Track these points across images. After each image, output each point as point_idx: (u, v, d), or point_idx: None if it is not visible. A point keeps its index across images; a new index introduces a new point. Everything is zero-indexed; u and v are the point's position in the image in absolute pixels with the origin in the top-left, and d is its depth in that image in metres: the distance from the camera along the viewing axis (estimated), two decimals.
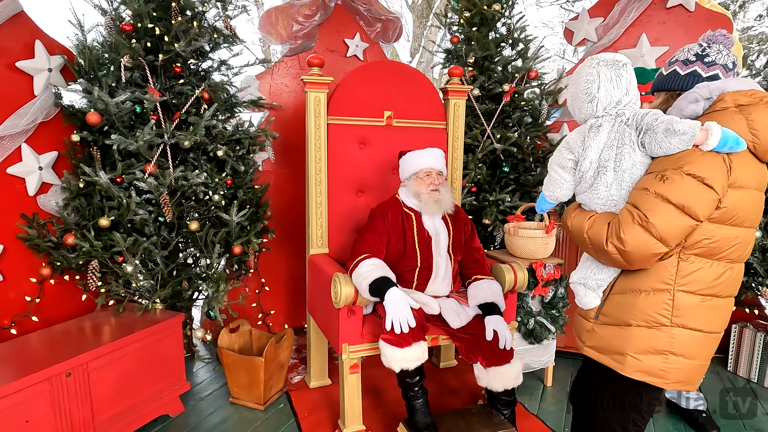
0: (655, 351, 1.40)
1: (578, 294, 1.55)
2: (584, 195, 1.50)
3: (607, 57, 1.45)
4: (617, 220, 1.36)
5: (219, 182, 2.75)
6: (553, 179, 1.57)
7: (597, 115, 1.47)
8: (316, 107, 2.61)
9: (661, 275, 1.39)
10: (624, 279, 1.46)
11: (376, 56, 3.60)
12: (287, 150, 3.39)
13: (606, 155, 1.43)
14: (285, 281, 3.56)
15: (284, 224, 3.45)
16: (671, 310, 1.38)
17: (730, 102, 1.37)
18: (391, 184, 2.79)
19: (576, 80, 1.50)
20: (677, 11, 3.31)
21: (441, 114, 2.90)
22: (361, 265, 2.14)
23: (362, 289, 2.10)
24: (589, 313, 1.54)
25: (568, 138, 1.54)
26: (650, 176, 1.35)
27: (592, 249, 1.44)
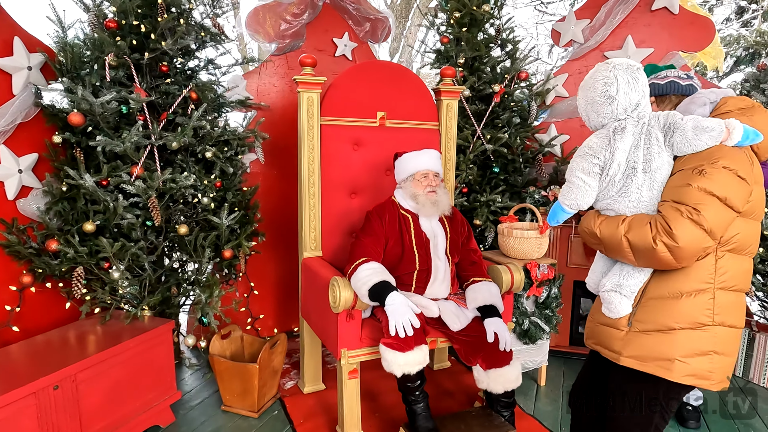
0: (701, 352, 1.40)
1: (612, 303, 1.50)
2: (611, 200, 1.48)
3: (622, 61, 1.47)
4: (660, 218, 1.35)
5: (208, 185, 2.67)
6: (576, 187, 1.52)
7: (619, 118, 1.46)
8: (309, 108, 2.56)
9: (701, 275, 1.40)
10: (659, 283, 1.45)
11: (364, 56, 3.56)
12: (275, 151, 3.33)
13: (634, 157, 1.43)
14: (274, 284, 3.50)
15: (273, 226, 3.38)
16: (713, 309, 1.40)
17: (732, 106, 1.47)
18: (384, 185, 2.76)
19: (591, 84, 1.49)
20: (662, 14, 3.37)
21: (434, 115, 2.88)
22: (359, 270, 2.10)
23: (362, 293, 2.06)
24: (621, 321, 1.50)
25: (590, 144, 1.51)
26: (686, 173, 1.36)
27: (631, 251, 1.40)
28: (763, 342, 2.95)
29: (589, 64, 3.56)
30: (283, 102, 3.37)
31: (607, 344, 1.54)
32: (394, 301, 2.00)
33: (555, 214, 1.63)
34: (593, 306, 1.69)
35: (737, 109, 1.46)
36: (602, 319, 1.57)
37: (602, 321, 1.57)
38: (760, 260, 2.84)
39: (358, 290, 2.07)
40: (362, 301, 2.10)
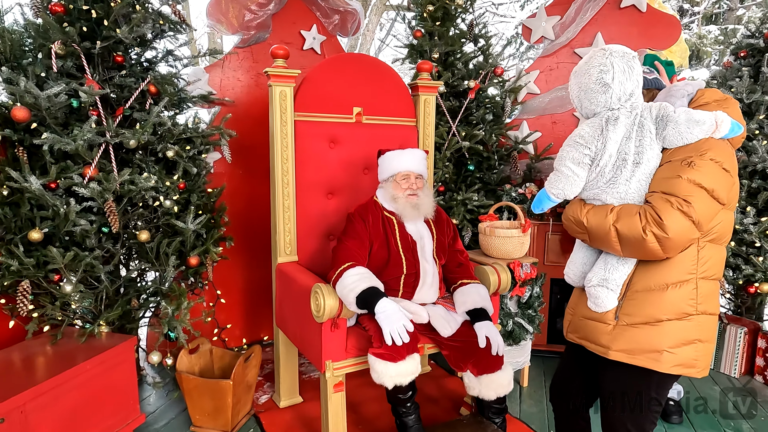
0: (687, 342, 1.41)
1: (598, 297, 1.47)
2: (599, 190, 1.46)
3: (618, 48, 1.44)
4: (650, 208, 1.33)
5: (171, 186, 2.45)
6: (565, 176, 1.49)
7: (612, 107, 1.43)
8: (282, 102, 2.39)
9: (686, 266, 1.40)
10: (644, 275, 1.43)
11: (333, 50, 3.40)
12: (241, 149, 3.12)
13: (625, 148, 1.41)
14: (241, 292, 3.29)
15: (239, 230, 3.18)
16: (696, 298, 1.41)
17: (709, 98, 1.49)
18: (362, 185, 2.62)
19: (586, 71, 1.45)
20: (630, 11, 3.40)
21: (411, 111, 2.77)
22: (345, 276, 1.96)
23: (348, 301, 1.92)
24: (607, 315, 1.48)
25: (581, 133, 1.47)
26: (674, 164, 1.35)
27: (618, 241, 1.38)
28: (734, 334, 3.02)
29: (560, 61, 3.55)
30: (249, 97, 3.17)
31: (594, 338, 1.52)
32: (385, 308, 1.88)
33: (540, 202, 1.59)
34: (573, 299, 1.67)
35: (714, 101, 1.48)
36: (587, 313, 1.54)
37: (587, 315, 1.54)
38: (731, 254, 2.90)
39: (345, 297, 1.93)
40: (349, 309, 1.96)
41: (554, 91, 3.56)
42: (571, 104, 3.50)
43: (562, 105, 3.55)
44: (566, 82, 3.55)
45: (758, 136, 2.82)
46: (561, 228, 3.14)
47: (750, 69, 2.96)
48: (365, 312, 1.97)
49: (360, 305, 1.91)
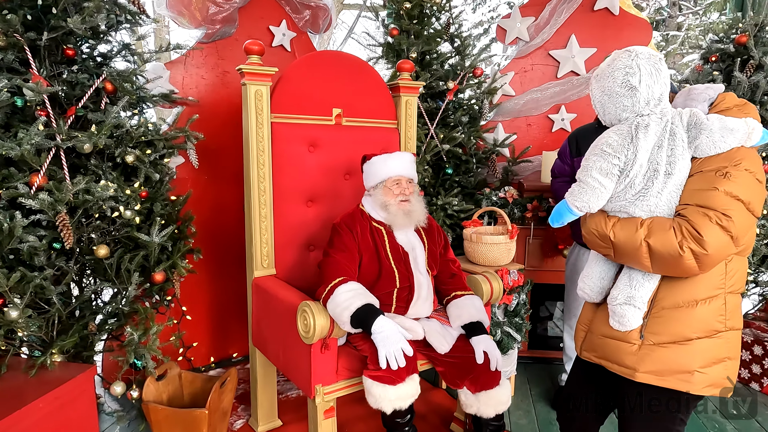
0: (717, 360, 1.34)
1: (624, 316, 1.38)
2: (626, 202, 1.36)
3: (643, 50, 1.34)
4: (686, 223, 1.25)
5: (131, 195, 2.20)
6: (591, 188, 1.37)
7: (642, 113, 1.34)
8: (258, 103, 2.20)
9: (715, 281, 1.33)
10: (672, 291, 1.35)
11: (304, 47, 3.22)
12: (206, 153, 2.88)
13: (656, 158, 1.31)
14: (207, 307, 3.05)
15: (204, 240, 2.94)
16: (725, 314, 1.34)
17: (730, 102, 1.42)
18: (343, 191, 2.47)
19: (610, 73, 1.35)
20: (603, 14, 3.40)
21: (392, 112, 2.64)
22: (337, 293, 1.80)
23: (342, 320, 1.76)
24: (631, 334, 1.39)
25: (608, 141, 1.36)
26: (707, 175, 1.27)
27: (649, 257, 1.29)
28: None
29: (534, 63, 3.52)
30: (214, 96, 2.94)
31: (617, 359, 1.43)
32: (382, 328, 1.73)
33: (560, 215, 1.47)
34: (586, 315, 1.58)
35: (734, 105, 1.41)
36: (607, 331, 1.45)
37: (607, 334, 1.45)
38: None
39: (338, 317, 1.77)
40: (342, 328, 1.80)
41: (529, 93, 3.52)
42: (546, 106, 3.48)
43: (537, 107, 3.51)
44: (541, 83, 3.53)
45: None
46: (542, 233, 3.10)
47: (721, 73, 3.01)
48: (359, 331, 1.82)
49: (354, 324, 1.76)
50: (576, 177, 1.43)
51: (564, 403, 1.72)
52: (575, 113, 3.49)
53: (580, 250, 2.57)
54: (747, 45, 2.89)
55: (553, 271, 3.14)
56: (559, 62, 3.47)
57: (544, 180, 3.21)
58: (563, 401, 1.73)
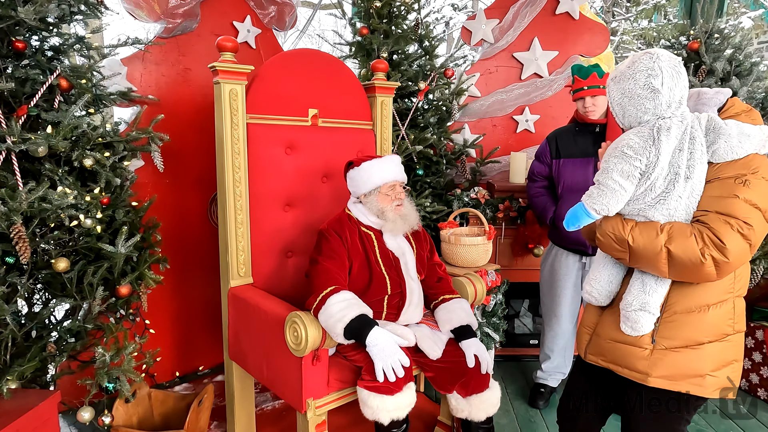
0: (726, 363, 1.37)
1: (638, 321, 1.38)
2: (644, 206, 1.36)
3: (663, 52, 1.34)
4: (707, 230, 1.25)
5: (92, 202, 2.02)
6: (611, 191, 1.35)
7: (663, 116, 1.33)
8: (233, 102, 2.08)
9: (725, 285, 1.35)
10: (683, 296, 1.36)
11: (269, 45, 3.09)
12: (168, 155, 2.70)
13: (677, 161, 1.31)
14: (171, 318, 2.87)
15: (167, 248, 2.75)
16: (734, 317, 1.37)
17: (738, 108, 1.44)
18: (321, 195, 2.39)
19: (631, 75, 1.34)
20: (564, 18, 3.50)
21: (367, 113, 2.58)
22: (329, 303, 1.72)
23: (336, 332, 1.69)
24: (643, 339, 1.40)
25: (629, 143, 1.34)
26: (726, 182, 1.28)
27: (667, 263, 1.29)
28: None
29: (499, 65, 3.56)
30: (176, 95, 2.76)
31: (628, 364, 1.43)
32: (377, 340, 1.68)
33: (577, 219, 1.44)
34: (591, 318, 1.58)
35: (742, 111, 1.44)
36: (616, 335, 1.46)
37: (617, 338, 1.46)
38: None
39: (331, 329, 1.69)
40: (335, 340, 1.73)
41: (494, 94, 3.56)
42: (511, 108, 3.53)
43: (502, 108, 3.56)
44: (506, 85, 3.58)
45: None
46: (512, 232, 3.14)
47: None
48: (352, 341, 1.75)
49: (348, 336, 1.69)
50: (594, 179, 1.41)
51: (564, 407, 1.73)
52: (539, 114, 3.57)
53: (557, 251, 2.62)
54: (699, 51, 3.06)
55: (523, 269, 3.19)
56: (523, 64, 3.53)
57: (513, 180, 3.26)
58: (563, 406, 1.73)
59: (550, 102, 3.57)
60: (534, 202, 2.67)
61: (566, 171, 2.55)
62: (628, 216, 1.41)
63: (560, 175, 2.56)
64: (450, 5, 11.97)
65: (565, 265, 2.60)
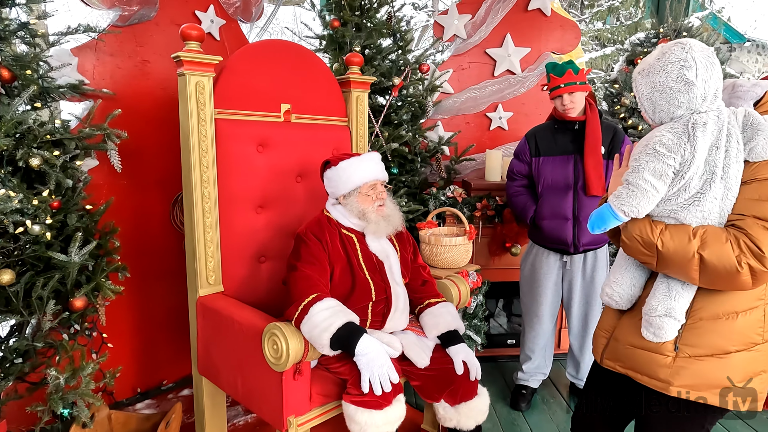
0: (754, 374, 1.28)
1: (662, 328, 1.30)
2: (676, 207, 1.26)
3: (695, 42, 1.24)
4: (744, 236, 1.17)
5: (40, 206, 1.82)
6: (642, 191, 1.25)
7: (698, 110, 1.23)
8: (199, 96, 1.92)
9: (756, 292, 1.27)
10: (710, 302, 1.28)
11: (234, 36, 2.92)
12: (126, 154, 2.48)
13: (714, 159, 1.21)
14: (131, 331, 2.65)
15: (126, 255, 2.54)
16: (763, 326, 1.28)
17: None
18: (295, 195, 2.25)
19: (661, 68, 1.24)
20: (536, 15, 3.47)
21: (342, 108, 2.46)
22: (312, 312, 1.60)
23: (321, 343, 1.57)
24: (665, 345, 1.31)
25: (662, 140, 1.23)
26: (764, 184, 1.19)
27: (698, 270, 1.21)
28: None
29: (472, 61, 3.51)
30: (133, 89, 2.55)
31: (648, 371, 1.35)
32: (367, 349, 1.57)
33: (603, 221, 1.33)
34: (609, 321, 1.50)
35: None
36: (636, 341, 1.38)
37: (637, 344, 1.38)
38: None
39: (316, 339, 1.57)
40: (320, 351, 1.60)
41: (468, 91, 3.50)
42: (484, 105, 3.48)
43: (475, 105, 3.51)
44: (478, 82, 3.52)
45: None
46: (489, 231, 3.09)
47: None
48: (338, 352, 1.63)
49: (335, 346, 1.57)
50: (623, 179, 1.31)
51: (580, 416, 1.64)
52: (512, 111, 3.54)
53: (538, 250, 2.58)
54: None
55: (500, 269, 3.14)
56: (496, 61, 3.48)
57: (489, 178, 3.21)
58: (578, 415, 1.65)
59: (522, 99, 3.54)
60: (514, 201, 2.61)
61: (546, 169, 2.50)
62: (657, 218, 1.31)
63: (540, 173, 2.52)
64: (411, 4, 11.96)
65: (546, 264, 2.56)
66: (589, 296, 2.58)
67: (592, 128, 2.41)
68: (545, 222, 2.49)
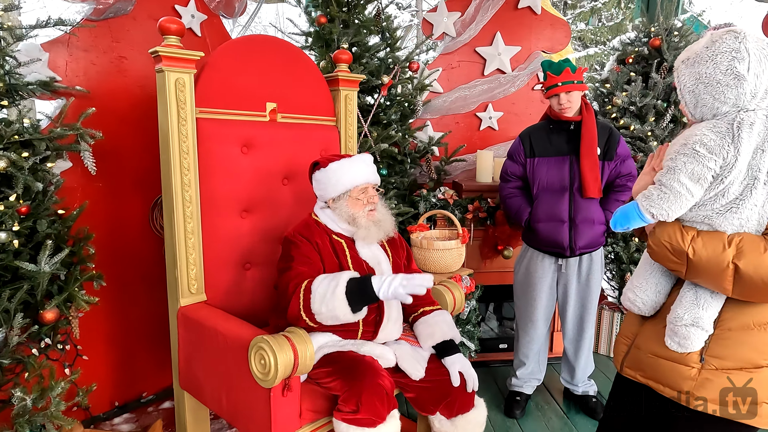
0: None
1: (688, 338, 1.22)
2: (711, 212, 1.17)
3: (749, 32, 1.14)
4: None
5: (7, 211, 1.69)
6: (675, 194, 1.16)
7: (746, 108, 1.13)
8: (180, 94, 1.80)
9: None
10: (740, 311, 1.21)
11: (216, 32, 2.79)
12: (100, 156, 2.35)
13: (757, 163, 1.12)
14: (108, 341, 2.52)
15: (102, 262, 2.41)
16: None
17: None
18: (282, 199, 2.15)
19: (710, 58, 1.13)
20: (526, 13, 3.41)
21: (330, 108, 2.36)
22: (314, 289, 1.57)
23: (341, 312, 1.53)
24: (690, 356, 1.24)
25: (702, 140, 1.13)
26: None
27: (732, 280, 1.13)
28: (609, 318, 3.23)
29: (462, 60, 3.43)
30: (108, 86, 2.42)
31: (671, 383, 1.27)
32: (382, 284, 1.53)
33: (627, 221, 1.24)
34: (630, 328, 1.41)
35: None
36: (659, 350, 1.29)
37: (660, 353, 1.29)
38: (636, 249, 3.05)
39: (334, 311, 1.52)
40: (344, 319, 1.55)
41: (457, 90, 3.43)
42: (474, 104, 3.41)
43: (465, 105, 3.44)
44: (468, 81, 3.45)
45: (650, 138, 3.01)
46: (481, 233, 3.02)
47: (636, 74, 3.15)
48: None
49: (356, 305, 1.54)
50: (655, 179, 1.22)
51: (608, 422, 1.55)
52: (502, 111, 3.47)
53: (532, 253, 2.51)
54: (660, 48, 3.05)
55: (492, 272, 3.07)
56: (486, 59, 3.42)
57: (480, 180, 3.14)
58: (607, 420, 1.56)
59: (512, 99, 3.48)
60: (508, 203, 2.54)
61: (541, 170, 2.44)
62: (689, 223, 1.22)
63: (535, 174, 2.45)
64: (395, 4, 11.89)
65: (540, 267, 2.50)
66: (584, 299, 2.53)
67: (588, 128, 2.35)
68: (541, 225, 2.42)
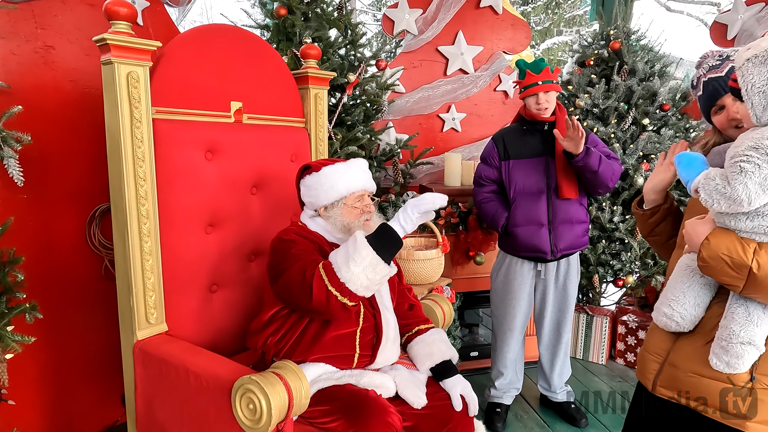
0: None
1: (742, 357, 1.13)
2: None
3: None
4: None
5: None
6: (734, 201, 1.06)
7: None
8: (132, 91, 1.53)
9: None
10: None
11: (160, 22, 2.48)
12: (26, 163, 1.99)
13: None
14: (38, 380, 2.15)
15: (31, 288, 2.04)
16: None
17: None
18: (250, 210, 1.92)
19: None
20: (488, 12, 3.36)
21: (299, 107, 2.15)
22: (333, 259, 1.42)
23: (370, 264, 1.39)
24: (740, 375, 1.16)
25: None
26: None
27: None
28: (600, 323, 3.23)
29: (424, 59, 3.31)
30: (33, 81, 2.06)
31: (719, 404, 1.19)
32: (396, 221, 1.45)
33: (689, 168, 1.15)
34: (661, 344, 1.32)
35: None
36: (703, 370, 1.21)
37: (705, 373, 1.20)
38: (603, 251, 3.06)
39: (363, 262, 1.37)
40: (381, 272, 1.41)
41: (420, 90, 3.31)
42: (437, 105, 3.31)
43: (428, 105, 3.33)
44: (431, 80, 3.34)
45: (612, 140, 3.04)
46: (452, 239, 2.91)
47: (596, 77, 3.17)
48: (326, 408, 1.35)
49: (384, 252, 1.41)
50: (726, 164, 1.10)
51: None
52: (465, 112, 3.39)
53: (510, 260, 2.42)
54: (620, 51, 3.08)
55: (464, 278, 2.97)
56: (448, 59, 3.32)
57: (449, 183, 3.04)
58: None
59: (475, 99, 3.41)
60: (483, 208, 2.44)
61: (517, 173, 2.36)
62: (747, 234, 1.12)
63: (511, 177, 2.37)
64: None
65: (519, 274, 2.42)
66: (562, 304, 2.48)
67: (562, 128, 2.30)
68: (519, 229, 2.34)
